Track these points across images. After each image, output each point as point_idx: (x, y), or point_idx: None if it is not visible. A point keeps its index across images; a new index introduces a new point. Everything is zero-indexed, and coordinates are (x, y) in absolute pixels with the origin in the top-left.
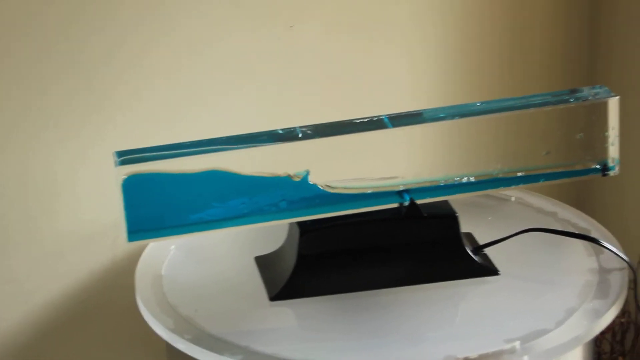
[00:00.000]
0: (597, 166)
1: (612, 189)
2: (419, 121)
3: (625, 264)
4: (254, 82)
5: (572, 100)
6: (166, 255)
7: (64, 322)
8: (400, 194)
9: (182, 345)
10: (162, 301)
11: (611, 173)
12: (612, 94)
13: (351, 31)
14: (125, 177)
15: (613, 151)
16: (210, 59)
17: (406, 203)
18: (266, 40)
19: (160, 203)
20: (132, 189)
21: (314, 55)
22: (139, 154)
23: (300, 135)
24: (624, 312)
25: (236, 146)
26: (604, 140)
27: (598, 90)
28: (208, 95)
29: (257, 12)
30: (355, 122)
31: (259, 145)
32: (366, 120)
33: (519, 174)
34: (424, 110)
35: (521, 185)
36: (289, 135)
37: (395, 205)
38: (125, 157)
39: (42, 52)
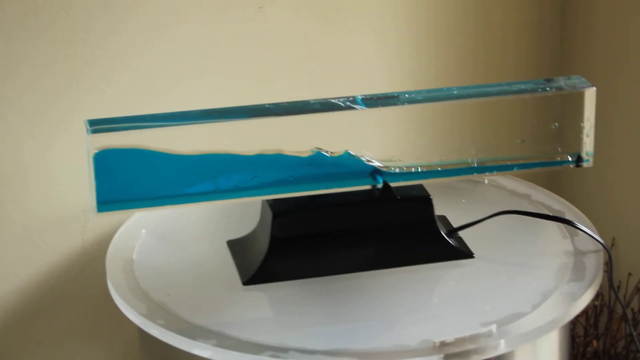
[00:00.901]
0: (571, 157)
1: (584, 171)
2: (394, 103)
3: (600, 246)
4: (223, 64)
5: (549, 89)
6: (137, 240)
7: (33, 309)
8: (373, 176)
9: (155, 330)
10: (133, 286)
11: (584, 164)
12: (589, 85)
13: (321, 12)
14: (97, 151)
15: (588, 142)
16: (179, 41)
17: (379, 185)
18: (235, 21)
19: (131, 174)
20: (104, 160)
21: (283, 37)
22: (112, 123)
23: (274, 111)
24: (597, 295)
25: (211, 120)
26: (579, 130)
27: (575, 80)
28: (177, 77)
29: None
30: (329, 102)
31: (231, 120)
32: (340, 100)
33: (494, 162)
34: (399, 92)
35: (495, 173)
36: (261, 111)
37: (368, 187)
38: (98, 126)
39: (4, 36)
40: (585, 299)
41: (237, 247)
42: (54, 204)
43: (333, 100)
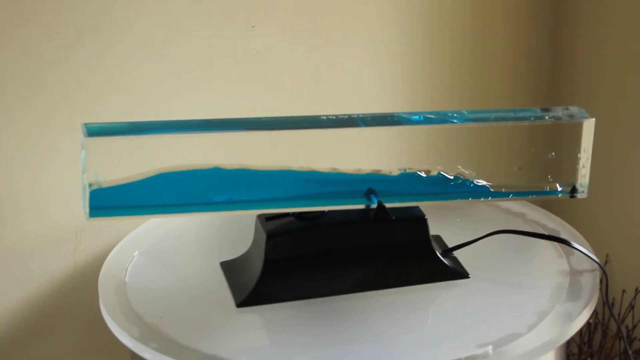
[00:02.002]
0: (565, 188)
1: None
2: (391, 123)
3: (596, 265)
4: (216, 83)
5: (548, 118)
6: (129, 261)
7: (24, 331)
8: (368, 196)
9: (148, 354)
10: (126, 309)
11: (579, 195)
12: (588, 116)
13: (314, 31)
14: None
15: (583, 173)
16: (172, 60)
17: (373, 205)
18: (228, 41)
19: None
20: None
21: (276, 55)
22: (111, 129)
23: (268, 124)
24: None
25: (209, 130)
26: (575, 161)
27: (574, 110)
28: (170, 96)
29: (218, 13)
30: (327, 119)
31: (228, 132)
32: (338, 117)
33: (490, 187)
34: (397, 113)
35: (490, 199)
36: (255, 124)
37: (362, 206)
38: (95, 130)
39: None
40: (581, 319)
41: (230, 269)
42: (45, 226)
43: (330, 117)
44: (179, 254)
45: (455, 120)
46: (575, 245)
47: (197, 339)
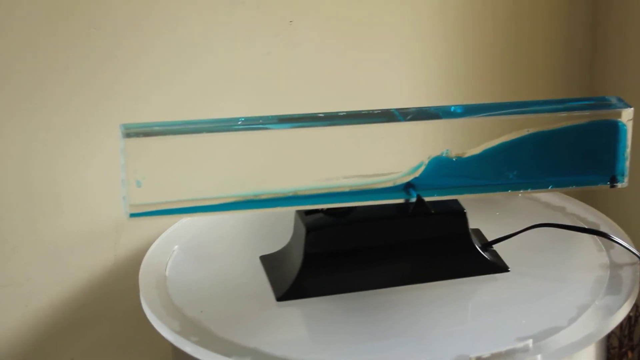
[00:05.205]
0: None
1: None
2: (431, 117)
3: (636, 259)
4: (253, 79)
5: (586, 107)
6: (170, 256)
7: (65, 326)
8: (407, 190)
9: (189, 347)
10: (167, 303)
11: (619, 185)
12: (627, 105)
13: (351, 26)
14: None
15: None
16: (210, 56)
17: (413, 200)
18: (265, 36)
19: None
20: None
21: (313, 51)
22: (147, 129)
23: (310, 121)
24: (632, 306)
25: (245, 129)
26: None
27: (612, 100)
28: (207, 92)
29: (255, 7)
30: (364, 113)
31: (264, 130)
32: (376, 112)
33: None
34: (436, 106)
35: (530, 190)
36: (292, 121)
37: (401, 200)
38: (132, 130)
39: (33, 53)
40: (622, 313)
41: (270, 263)
42: (85, 221)
43: (368, 112)
44: (218, 248)
45: (492, 112)
46: (615, 238)
47: (237, 332)
